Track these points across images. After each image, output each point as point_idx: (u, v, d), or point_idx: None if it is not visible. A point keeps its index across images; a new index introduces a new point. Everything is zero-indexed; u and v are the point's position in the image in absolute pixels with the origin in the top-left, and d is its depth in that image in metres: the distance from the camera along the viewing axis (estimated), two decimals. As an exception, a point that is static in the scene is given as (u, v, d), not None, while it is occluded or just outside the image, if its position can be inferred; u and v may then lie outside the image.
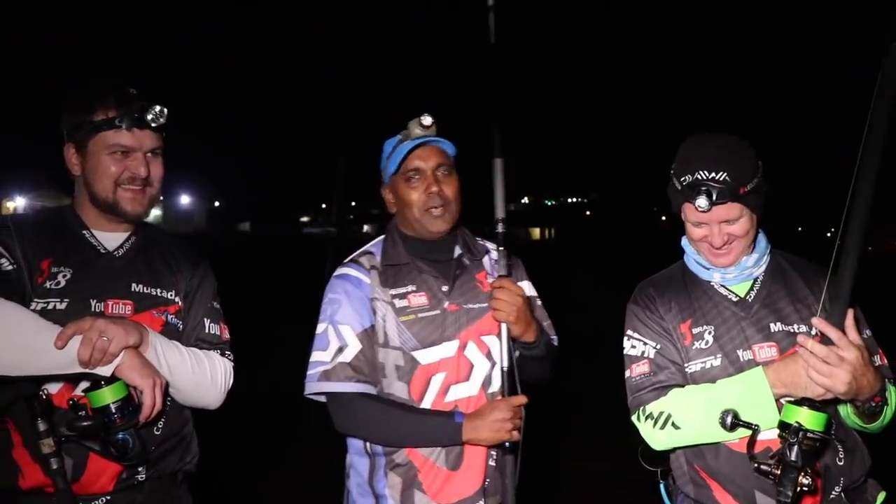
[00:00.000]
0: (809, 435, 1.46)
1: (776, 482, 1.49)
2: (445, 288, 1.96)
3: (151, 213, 1.96)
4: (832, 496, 1.71)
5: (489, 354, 1.94)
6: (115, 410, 1.56)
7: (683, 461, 1.82)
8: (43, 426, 1.55)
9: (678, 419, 1.73)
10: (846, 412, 1.72)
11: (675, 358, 1.82)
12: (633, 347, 1.88)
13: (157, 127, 1.79)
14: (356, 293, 1.94)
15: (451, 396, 1.90)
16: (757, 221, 1.80)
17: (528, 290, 2.07)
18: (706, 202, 1.69)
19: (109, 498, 1.71)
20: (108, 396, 1.56)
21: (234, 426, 3.61)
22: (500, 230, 1.90)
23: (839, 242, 1.49)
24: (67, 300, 1.70)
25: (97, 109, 1.75)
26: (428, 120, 1.98)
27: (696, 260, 1.89)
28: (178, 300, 1.87)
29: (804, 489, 1.47)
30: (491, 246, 2.08)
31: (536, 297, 2.12)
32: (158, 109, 1.77)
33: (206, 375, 1.81)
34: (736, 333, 1.79)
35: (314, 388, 1.90)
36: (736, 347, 1.77)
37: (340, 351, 1.89)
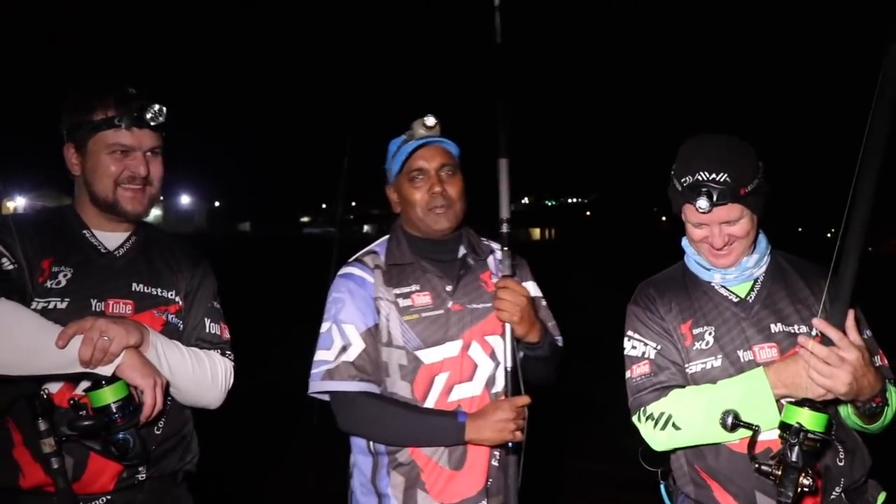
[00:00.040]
0: (810, 435, 1.46)
1: (777, 483, 1.49)
2: (449, 288, 1.96)
3: (151, 213, 1.96)
4: (833, 497, 1.71)
5: (493, 354, 1.94)
6: (115, 410, 1.56)
7: (684, 461, 1.82)
8: (44, 426, 1.55)
9: (679, 420, 1.73)
10: (847, 413, 1.72)
11: (675, 359, 1.82)
12: (633, 348, 1.87)
13: (156, 126, 1.79)
14: (360, 292, 1.94)
15: (454, 396, 1.90)
16: (757, 222, 1.80)
17: (532, 290, 2.07)
18: (707, 203, 1.69)
19: (110, 497, 1.71)
20: (108, 396, 1.56)
21: (234, 426, 3.61)
22: (504, 230, 1.90)
23: (840, 243, 1.49)
24: (68, 300, 1.70)
25: (96, 109, 1.75)
26: (431, 120, 1.98)
27: (696, 260, 1.89)
28: (178, 300, 1.87)
29: (805, 490, 1.47)
30: (496, 246, 2.08)
31: (541, 297, 2.12)
32: (157, 108, 1.78)
33: (206, 375, 1.81)
34: (736, 334, 1.79)
35: (318, 386, 1.90)
36: (736, 348, 1.77)
37: (344, 350, 1.89)
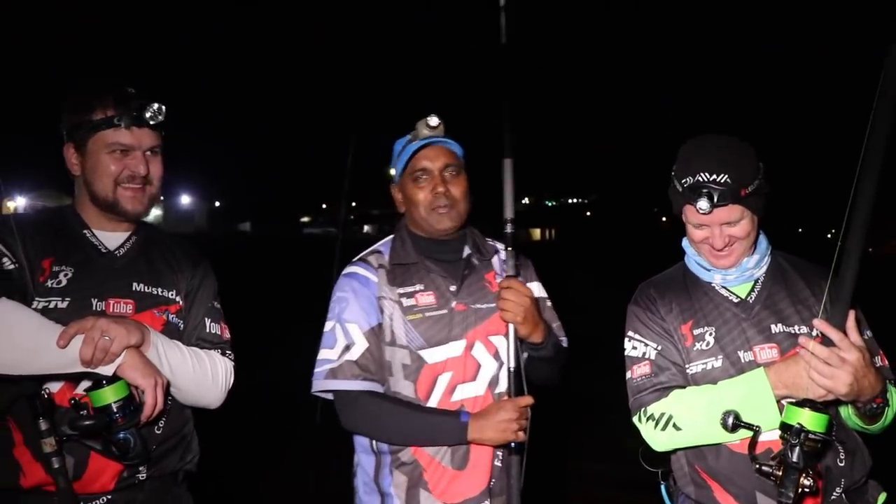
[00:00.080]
0: (811, 436, 1.46)
1: (777, 483, 1.49)
2: (453, 287, 1.96)
3: (152, 213, 1.96)
4: (833, 497, 1.71)
5: (497, 354, 1.94)
6: (116, 410, 1.57)
7: (684, 462, 1.82)
8: (44, 425, 1.55)
9: (679, 420, 1.73)
10: (847, 413, 1.72)
11: (676, 359, 1.82)
12: (634, 348, 1.87)
13: (155, 125, 1.80)
14: (364, 292, 1.94)
15: (457, 396, 1.90)
16: (758, 223, 1.80)
17: (537, 291, 2.07)
18: (707, 204, 1.69)
19: (110, 497, 1.71)
20: (109, 396, 1.57)
21: (234, 426, 3.61)
22: (508, 230, 1.90)
23: (841, 243, 1.49)
24: (69, 299, 1.70)
25: (96, 109, 1.75)
26: (434, 121, 1.99)
27: (696, 261, 1.88)
28: (178, 300, 1.87)
29: (805, 490, 1.47)
30: (500, 246, 2.08)
31: (546, 298, 2.12)
32: (157, 107, 1.78)
33: (206, 375, 1.81)
34: (737, 335, 1.79)
35: (321, 385, 1.90)
36: (737, 349, 1.77)
37: (347, 349, 1.89)
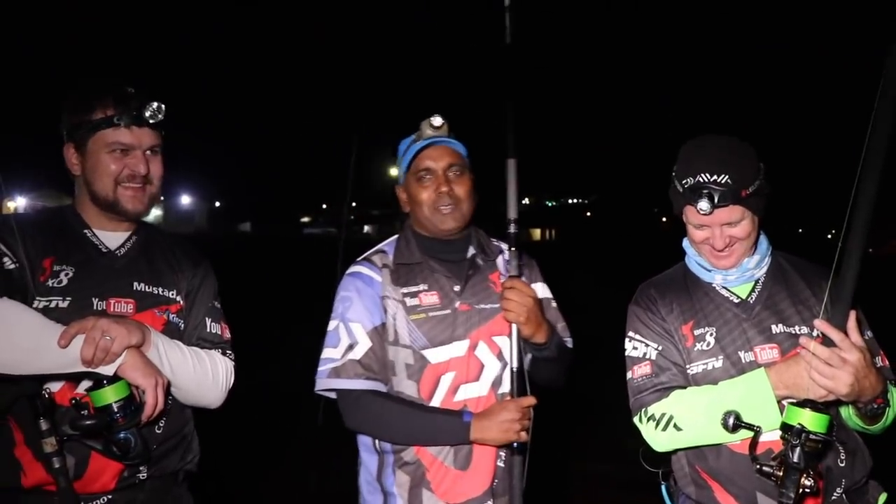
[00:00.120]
0: (812, 436, 1.46)
1: (778, 484, 1.49)
2: (457, 287, 1.96)
3: (152, 213, 1.97)
4: (834, 497, 1.71)
5: (500, 355, 1.94)
6: (117, 410, 1.57)
7: (685, 462, 1.82)
8: (45, 425, 1.56)
9: (680, 421, 1.72)
10: (848, 414, 1.72)
11: (676, 359, 1.82)
12: (634, 349, 1.87)
13: (155, 124, 1.80)
14: (367, 291, 1.95)
15: (460, 396, 1.90)
16: (759, 223, 1.80)
17: (542, 291, 2.07)
18: (708, 205, 1.69)
19: (111, 497, 1.71)
20: (110, 396, 1.57)
21: (234, 426, 3.61)
22: (511, 230, 1.90)
23: (842, 243, 1.49)
24: (69, 298, 1.70)
25: (96, 108, 1.75)
26: (438, 120, 1.99)
27: (697, 261, 1.88)
28: (179, 299, 1.87)
29: (806, 491, 1.47)
30: (505, 246, 2.07)
31: (551, 299, 2.12)
32: (156, 106, 1.78)
33: (207, 375, 1.81)
34: (738, 335, 1.79)
35: (324, 384, 1.91)
36: (738, 349, 1.77)
37: (351, 348, 1.90)
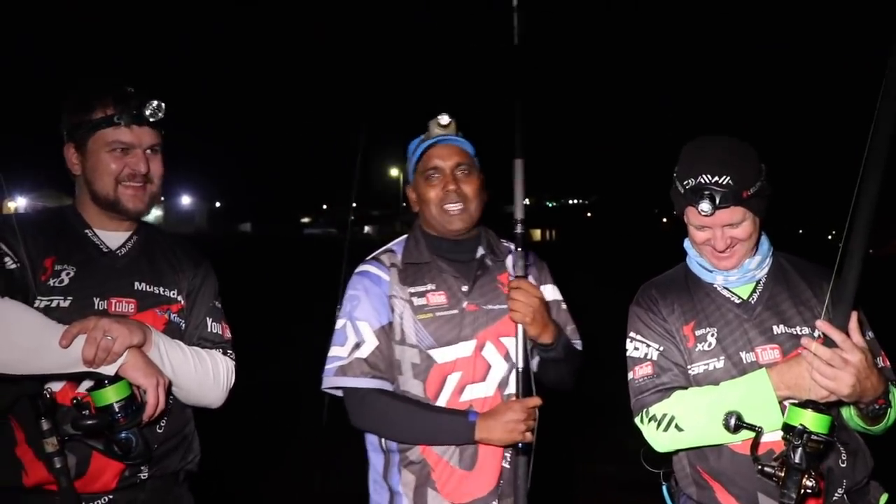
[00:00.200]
0: (813, 437, 1.46)
1: (779, 484, 1.49)
2: (465, 288, 1.96)
3: (152, 213, 1.97)
4: (835, 498, 1.71)
5: (507, 356, 1.94)
6: (118, 409, 1.57)
7: (686, 463, 1.82)
8: (46, 425, 1.56)
9: (681, 421, 1.72)
10: (849, 414, 1.72)
11: (677, 360, 1.82)
12: (635, 349, 1.87)
13: (155, 122, 1.80)
14: (375, 290, 1.95)
15: (466, 396, 1.90)
16: (760, 224, 1.79)
17: (551, 293, 2.07)
18: (709, 206, 1.69)
19: (112, 496, 1.71)
20: (111, 395, 1.57)
21: (235, 426, 3.61)
22: (518, 231, 1.90)
23: (843, 244, 1.49)
24: (71, 298, 1.70)
25: (96, 108, 1.76)
26: (445, 119, 1.99)
27: (698, 262, 1.88)
28: (180, 299, 1.87)
29: (807, 491, 1.47)
30: (514, 247, 2.08)
31: (561, 301, 2.11)
32: (156, 104, 1.78)
33: (208, 374, 1.81)
34: (739, 335, 1.79)
35: (330, 382, 1.91)
36: (739, 349, 1.77)
37: (357, 347, 1.90)
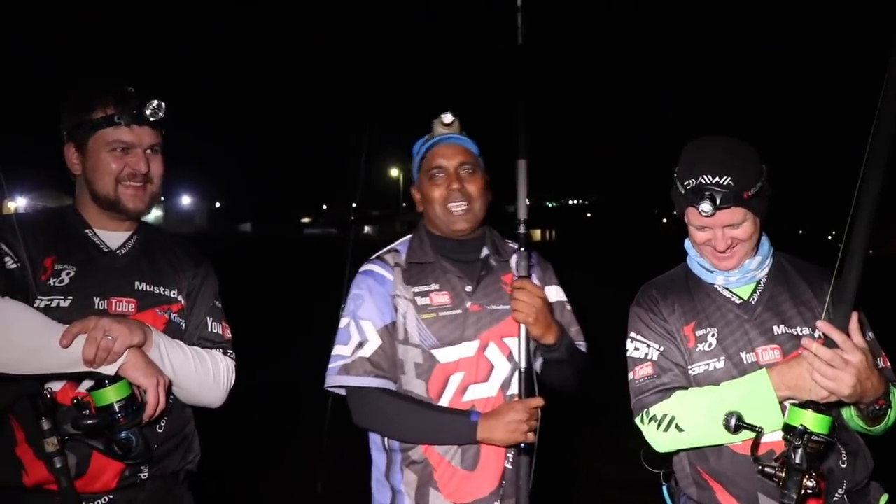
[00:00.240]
0: (814, 438, 1.46)
1: (780, 485, 1.48)
2: (469, 288, 1.96)
3: (152, 213, 1.97)
4: (835, 499, 1.71)
5: (511, 356, 1.94)
6: (118, 409, 1.57)
7: (686, 463, 1.82)
8: (46, 425, 1.56)
9: (682, 421, 1.72)
10: (849, 415, 1.72)
11: (678, 360, 1.82)
12: (636, 350, 1.87)
13: (155, 122, 1.80)
14: (379, 289, 1.95)
15: (468, 396, 1.90)
16: (760, 224, 1.79)
17: (555, 294, 2.07)
18: (710, 207, 1.68)
19: (112, 496, 1.71)
20: (111, 395, 1.57)
21: (234, 426, 3.61)
22: (521, 231, 1.90)
23: (844, 244, 1.48)
24: (71, 298, 1.70)
25: (96, 107, 1.76)
26: (448, 118, 1.99)
27: (699, 262, 1.88)
28: (180, 299, 1.87)
29: (808, 492, 1.47)
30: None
31: (566, 302, 2.11)
32: (156, 104, 1.78)
33: (208, 374, 1.81)
34: (739, 336, 1.79)
35: (333, 381, 1.92)
36: (739, 350, 1.77)
37: (361, 346, 1.90)
